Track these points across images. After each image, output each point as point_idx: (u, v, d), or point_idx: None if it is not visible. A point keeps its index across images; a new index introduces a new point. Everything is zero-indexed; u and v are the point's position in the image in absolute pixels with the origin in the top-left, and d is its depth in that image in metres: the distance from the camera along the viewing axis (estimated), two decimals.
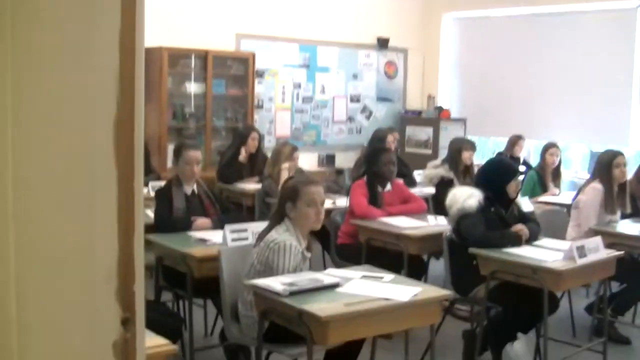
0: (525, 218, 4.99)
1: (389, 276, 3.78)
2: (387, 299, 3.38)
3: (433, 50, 10.89)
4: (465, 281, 4.75)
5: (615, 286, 5.88)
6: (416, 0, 10.81)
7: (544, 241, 4.90)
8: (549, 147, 7.67)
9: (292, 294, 3.33)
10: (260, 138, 7.75)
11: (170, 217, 4.85)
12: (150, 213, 4.86)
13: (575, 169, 9.64)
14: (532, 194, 7.28)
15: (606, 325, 5.17)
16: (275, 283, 3.42)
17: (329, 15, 9.85)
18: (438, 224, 5.54)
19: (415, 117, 10.64)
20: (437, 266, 6.25)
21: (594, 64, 9.20)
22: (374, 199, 5.77)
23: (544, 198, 7.27)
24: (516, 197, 5.00)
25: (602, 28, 9.15)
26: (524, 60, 9.91)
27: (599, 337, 5.35)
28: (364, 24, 10.27)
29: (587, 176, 8.87)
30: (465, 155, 7.15)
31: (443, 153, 9.53)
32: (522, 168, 7.52)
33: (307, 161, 8.95)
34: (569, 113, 9.47)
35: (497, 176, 4.91)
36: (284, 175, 6.44)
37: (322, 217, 3.88)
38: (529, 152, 9.81)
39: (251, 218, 6.32)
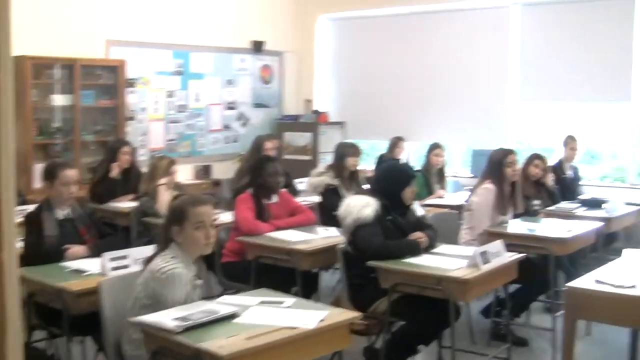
0: (421, 224, 4.81)
1: (289, 300, 3.47)
2: (292, 328, 3.06)
3: (309, 52, 10.66)
4: (363, 295, 4.51)
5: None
6: (291, 1, 10.56)
7: (441, 247, 4.73)
8: (433, 148, 7.58)
9: (186, 329, 2.96)
10: (133, 152, 7.31)
11: (41, 247, 4.34)
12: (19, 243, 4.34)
13: (456, 168, 9.62)
14: (419, 197, 7.13)
15: (508, 330, 5.08)
16: (166, 318, 3.04)
17: (202, 19, 9.44)
18: (329, 235, 5.27)
19: (292, 123, 10.38)
20: (325, 277, 6.05)
21: (471, 63, 9.24)
22: (261, 213, 5.44)
23: (431, 200, 7.16)
24: (412, 203, 4.80)
25: (478, 26, 9.20)
26: (402, 61, 9.84)
27: (497, 341, 5.28)
28: (238, 28, 9.93)
29: (469, 175, 8.97)
30: (350, 161, 6.92)
31: (323, 158, 9.39)
32: None
33: (183, 173, 8.51)
34: (449, 113, 9.46)
35: (393, 183, 4.70)
36: (162, 191, 6.03)
37: (213, 241, 3.52)
38: (409, 154, 9.75)
39: (127, 239, 5.89)
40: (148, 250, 3.79)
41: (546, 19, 8.75)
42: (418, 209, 5.73)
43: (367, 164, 8.68)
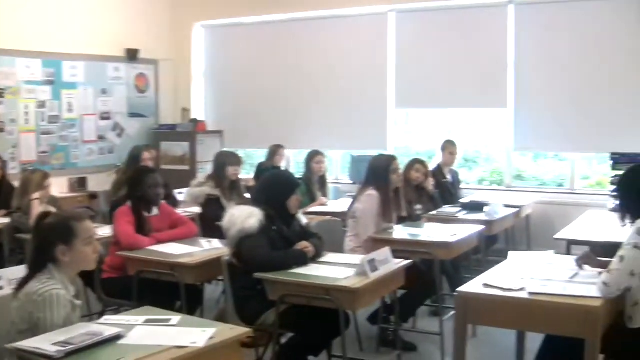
0: (307, 233, 4.72)
1: (175, 318, 3.28)
2: (180, 347, 2.89)
3: (185, 61, 10.42)
4: (250, 308, 4.37)
5: None
6: (166, 9, 10.28)
7: (328, 256, 4.65)
8: (314, 156, 7.51)
9: (68, 354, 2.74)
10: (4, 165, 6.95)
11: None
12: None
13: (336, 175, 9.61)
14: (301, 205, 7.06)
15: (397, 335, 5.07)
16: (45, 343, 2.80)
17: (73, 26, 9.05)
18: (213, 247, 5.11)
19: (169, 132, 10.10)
20: (208, 289, 5.98)
21: (350, 69, 9.23)
22: (141, 226, 5.22)
23: (313, 208, 7.08)
24: (297, 212, 4.70)
25: (356, 33, 9.20)
26: (280, 68, 9.76)
27: (386, 347, 5.25)
28: (112, 35, 9.57)
29: (348, 181, 8.97)
30: (231, 170, 6.76)
31: (201, 168, 9.20)
32: None
33: (58, 187, 8.09)
34: (328, 120, 9.42)
35: (277, 191, 4.59)
36: (36, 206, 5.71)
37: (97, 255, 3.32)
38: (289, 162, 9.69)
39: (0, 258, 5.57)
40: (22, 270, 3.51)
41: (422, 26, 8.85)
42: (302, 218, 5.66)
43: (246, 173, 8.54)
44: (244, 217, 4.36)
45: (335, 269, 4.28)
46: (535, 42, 8.20)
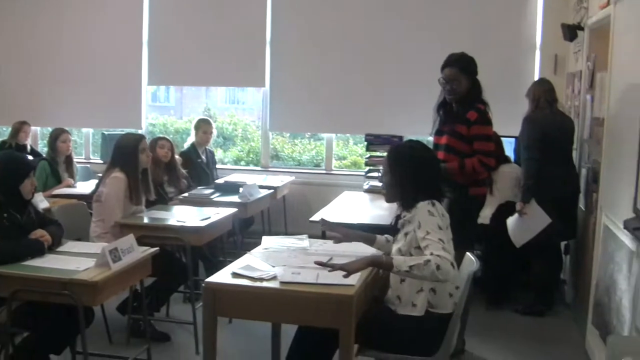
0: (44, 220, 4.29)
1: None
2: None
3: None
4: None
5: None
6: None
7: (68, 245, 4.26)
8: (59, 134, 6.95)
9: None
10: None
11: None
12: None
13: (86, 154, 9.07)
14: (45, 187, 6.55)
15: (148, 326, 4.82)
16: None
17: None
18: None
19: None
20: None
21: (102, 45, 8.65)
22: None
23: (59, 190, 6.58)
24: (32, 197, 4.24)
25: (107, 9, 8.63)
26: (28, 41, 8.91)
27: (137, 338, 4.95)
28: None
29: (99, 162, 8.48)
30: None
31: None
32: (30, 157, 6.74)
33: None
34: (78, 96, 8.77)
35: (8, 175, 4.10)
36: None
37: None
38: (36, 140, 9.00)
39: None
40: None
41: (176, 3, 8.49)
42: (41, 202, 5.18)
43: None
44: None
45: (75, 260, 3.91)
46: (291, 22, 8.15)
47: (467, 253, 3.85)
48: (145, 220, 5.18)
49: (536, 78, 7.06)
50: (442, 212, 3.52)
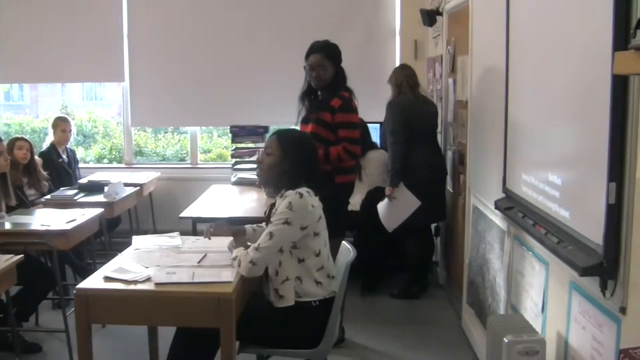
0: None
1: None
2: None
3: None
4: None
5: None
6: None
7: None
8: None
9: None
10: None
11: None
12: None
13: None
14: None
15: (17, 338, 4.60)
16: None
17: None
18: None
19: None
20: None
21: None
22: None
23: None
24: None
25: None
26: None
27: (6, 352, 4.73)
28: None
29: None
30: None
31: None
32: None
33: None
34: None
35: None
36: None
37: None
38: None
39: None
40: None
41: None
42: None
43: None
44: None
45: None
46: (148, 14, 7.94)
47: (343, 242, 3.87)
48: (7, 226, 4.91)
49: (397, 64, 7.19)
50: (311, 203, 3.50)
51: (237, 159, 7.69)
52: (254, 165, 6.99)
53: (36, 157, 6.30)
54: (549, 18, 3.16)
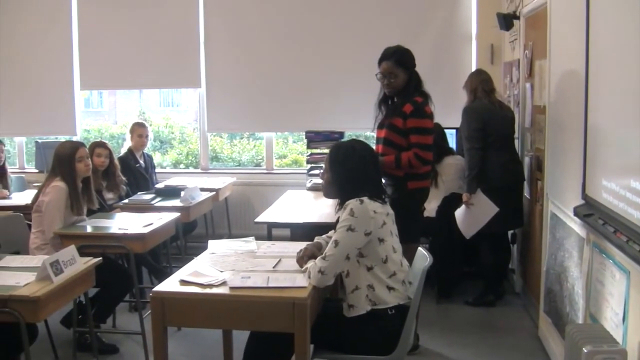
0: None
1: None
2: None
3: None
4: None
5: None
6: None
7: (6, 259, 4.13)
8: None
9: None
10: None
11: None
12: None
13: (20, 163, 8.83)
14: None
15: (95, 338, 4.69)
16: None
17: None
18: None
19: None
20: None
21: (31, 51, 8.41)
22: None
23: None
24: None
25: (35, 13, 8.39)
26: None
27: (83, 352, 4.83)
28: None
29: (34, 171, 8.26)
30: None
31: None
32: None
33: None
34: (9, 104, 8.54)
35: None
36: None
37: None
38: None
39: None
40: None
41: (106, 5, 8.29)
42: None
43: None
44: None
45: (14, 275, 3.76)
46: (225, 20, 8.04)
47: (420, 248, 3.84)
48: (87, 229, 5.04)
49: (473, 69, 7.11)
50: (373, 209, 3.49)
51: (313, 165, 7.70)
52: None
53: (115, 162, 6.44)
54: (631, 19, 3.06)
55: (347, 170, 3.65)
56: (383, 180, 4.37)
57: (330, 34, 7.82)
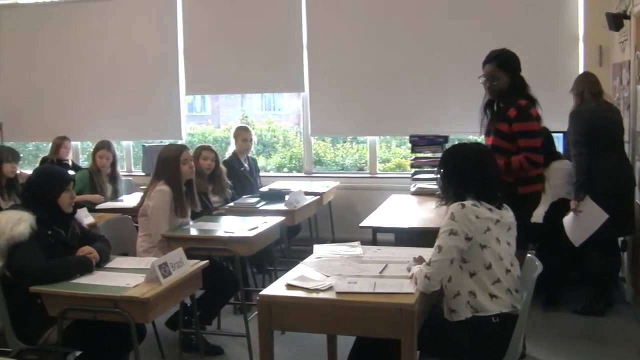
0: (90, 236, 4.26)
1: None
2: None
3: None
4: (30, 325, 3.85)
5: None
6: None
7: (116, 261, 4.22)
8: (98, 149, 6.93)
9: None
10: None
11: None
12: None
13: (128, 167, 9.05)
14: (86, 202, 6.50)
15: (200, 339, 4.74)
16: None
17: None
18: None
19: None
20: None
21: (136, 55, 8.63)
22: None
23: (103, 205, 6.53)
24: (74, 211, 4.17)
25: (142, 18, 8.60)
26: (62, 54, 8.96)
27: (189, 353, 4.90)
28: None
29: (142, 174, 8.45)
30: (8, 167, 6.14)
31: None
32: (72, 172, 6.72)
33: None
34: (116, 109, 8.78)
35: (46, 189, 4.02)
36: None
37: None
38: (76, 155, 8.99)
39: None
40: None
41: (210, 10, 8.39)
42: (86, 218, 5.14)
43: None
44: (12, 223, 3.82)
45: (124, 276, 3.84)
46: (328, 24, 8.01)
47: (529, 255, 3.71)
48: (193, 232, 5.10)
49: (581, 71, 6.86)
50: (475, 214, 3.40)
51: (417, 169, 7.57)
52: (434, 175, 6.93)
53: (221, 166, 6.51)
54: None
55: (452, 171, 3.64)
56: None
57: (433, 36, 7.67)
